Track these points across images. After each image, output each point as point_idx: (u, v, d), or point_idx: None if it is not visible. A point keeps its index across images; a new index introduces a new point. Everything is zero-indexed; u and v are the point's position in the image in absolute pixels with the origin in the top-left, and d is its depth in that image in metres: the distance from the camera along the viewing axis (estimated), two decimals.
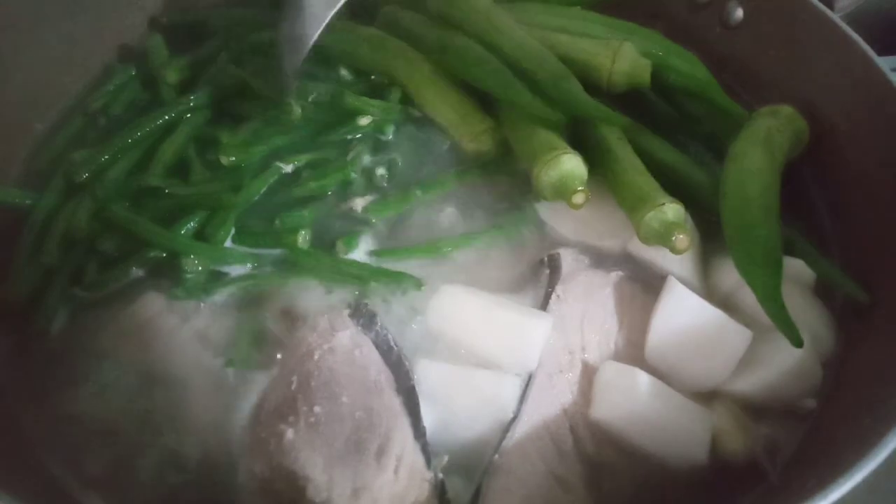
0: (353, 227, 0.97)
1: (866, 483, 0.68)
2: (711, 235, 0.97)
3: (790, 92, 1.06)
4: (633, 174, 0.95)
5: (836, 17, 1.01)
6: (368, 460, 0.73)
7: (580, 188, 0.92)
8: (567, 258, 0.93)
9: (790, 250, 0.94)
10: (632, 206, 0.93)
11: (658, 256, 0.93)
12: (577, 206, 0.92)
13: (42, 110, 1.08)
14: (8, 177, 1.02)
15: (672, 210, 0.90)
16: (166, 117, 1.03)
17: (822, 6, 1.03)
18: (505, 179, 1.03)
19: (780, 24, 1.07)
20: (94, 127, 1.07)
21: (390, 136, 1.05)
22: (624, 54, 1.01)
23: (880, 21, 1.23)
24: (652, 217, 0.90)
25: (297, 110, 1.02)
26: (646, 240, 0.91)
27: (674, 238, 0.88)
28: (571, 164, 0.93)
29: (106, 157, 1.00)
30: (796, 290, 0.92)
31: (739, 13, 1.13)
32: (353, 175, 1.00)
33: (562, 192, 0.93)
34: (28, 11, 1.05)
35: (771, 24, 1.09)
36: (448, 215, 1.00)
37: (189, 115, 1.04)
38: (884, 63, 0.95)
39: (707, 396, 0.86)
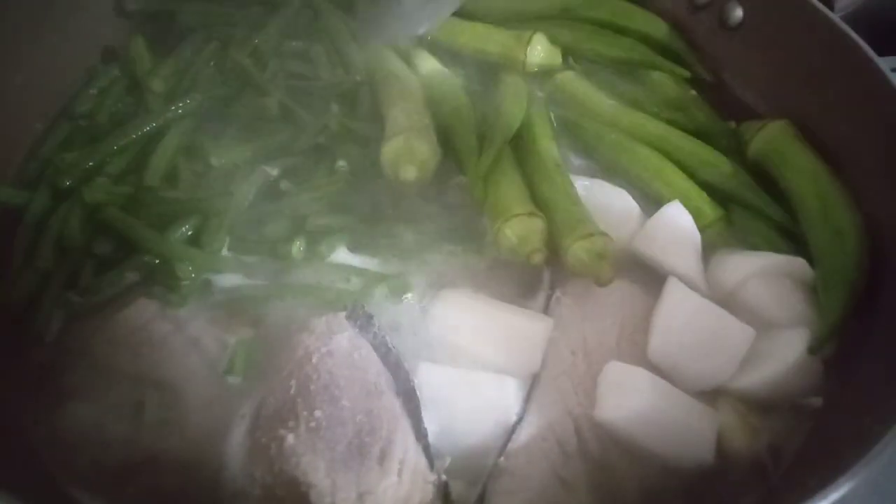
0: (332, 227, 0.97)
1: (867, 483, 0.68)
2: (712, 235, 0.98)
3: (790, 92, 1.06)
4: (567, 200, 0.96)
5: (835, 17, 1.02)
6: (371, 464, 0.73)
7: (538, 248, 0.92)
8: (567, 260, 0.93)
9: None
10: (562, 230, 0.93)
11: (659, 256, 0.93)
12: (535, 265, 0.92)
13: (42, 111, 1.08)
14: (8, 177, 1.02)
15: (600, 241, 0.91)
16: (153, 124, 1.03)
17: (821, 6, 1.03)
18: None
19: (780, 24, 1.07)
20: (82, 130, 1.06)
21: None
22: (535, 44, 1.14)
23: (880, 21, 1.23)
24: (580, 246, 0.90)
25: (273, 103, 1.04)
26: (573, 267, 0.92)
27: (599, 269, 0.89)
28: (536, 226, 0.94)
29: (92, 162, 0.99)
30: (797, 287, 0.93)
31: (739, 13, 1.13)
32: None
33: (519, 251, 0.93)
34: (29, 12, 1.05)
35: (770, 25, 1.09)
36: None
37: (177, 122, 1.04)
38: (884, 63, 0.96)
39: (710, 394, 0.86)
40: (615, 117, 1.10)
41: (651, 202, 1.01)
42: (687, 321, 0.87)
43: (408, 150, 0.99)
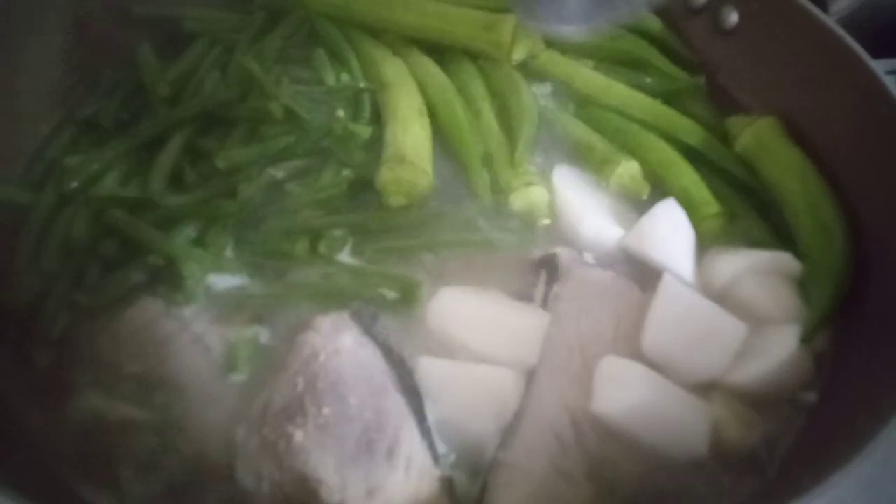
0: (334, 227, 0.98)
1: (861, 479, 0.69)
2: (707, 230, 0.99)
3: (785, 95, 1.07)
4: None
5: (830, 20, 1.02)
6: (379, 460, 0.74)
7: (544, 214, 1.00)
8: (564, 257, 0.94)
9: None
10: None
11: (653, 253, 0.95)
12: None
13: (47, 113, 1.08)
14: (12, 177, 1.03)
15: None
16: (159, 127, 1.03)
17: (816, 10, 1.03)
18: None
19: (775, 27, 1.08)
20: (87, 134, 1.07)
21: None
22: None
23: (875, 24, 1.23)
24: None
25: (277, 110, 1.04)
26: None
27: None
28: (538, 195, 1.00)
29: (97, 165, 1.00)
30: (785, 281, 0.95)
31: (734, 17, 1.13)
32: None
33: (528, 220, 1.00)
34: (33, 14, 1.06)
35: (766, 28, 1.10)
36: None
37: (182, 126, 1.04)
38: (878, 66, 0.96)
39: (705, 389, 0.87)
40: (605, 92, 1.11)
41: (653, 190, 1.03)
42: (680, 317, 0.88)
43: (396, 180, 0.99)
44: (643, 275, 0.94)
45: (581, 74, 1.13)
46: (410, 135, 1.03)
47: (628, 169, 1.02)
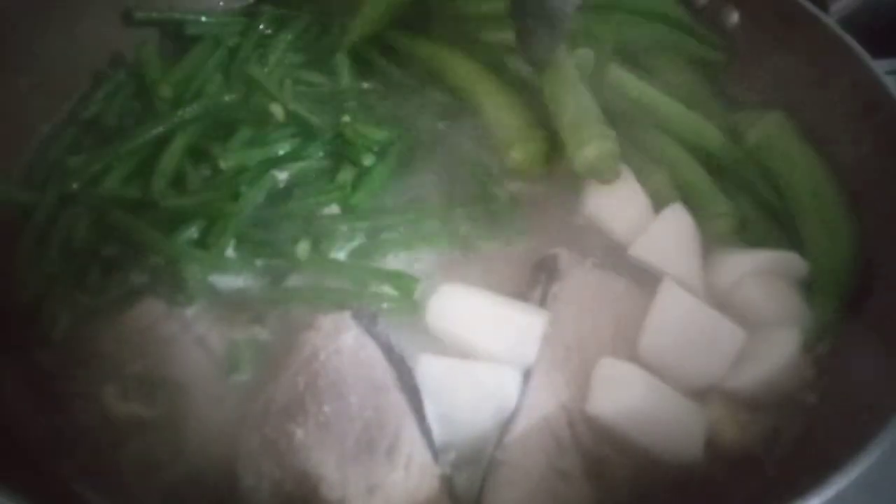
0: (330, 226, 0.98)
1: (861, 480, 0.69)
2: (710, 233, 0.99)
3: (785, 95, 1.07)
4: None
5: (830, 20, 1.03)
6: (380, 458, 0.75)
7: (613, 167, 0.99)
8: (564, 258, 0.94)
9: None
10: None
11: (660, 257, 0.95)
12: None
13: (49, 114, 1.09)
14: (13, 177, 1.03)
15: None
16: (161, 129, 1.03)
17: (816, 10, 1.04)
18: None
19: (775, 27, 1.08)
20: (89, 134, 1.07)
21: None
22: None
23: (875, 24, 1.23)
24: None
25: (279, 112, 1.04)
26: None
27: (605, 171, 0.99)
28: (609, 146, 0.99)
29: (99, 166, 1.00)
30: (789, 283, 0.95)
31: (735, 17, 1.14)
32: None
33: (599, 172, 0.99)
34: (36, 15, 1.06)
35: (766, 28, 1.10)
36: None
37: (184, 127, 1.04)
38: (878, 66, 0.97)
39: (703, 392, 0.87)
40: (635, 93, 1.10)
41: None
42: (679, 321, 0.88)
43: (532, 153, 1.04)
44: (643, 276, 0.94)
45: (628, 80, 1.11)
46: (514, 113, 1.06)
47: (660, 180, 1.02)
